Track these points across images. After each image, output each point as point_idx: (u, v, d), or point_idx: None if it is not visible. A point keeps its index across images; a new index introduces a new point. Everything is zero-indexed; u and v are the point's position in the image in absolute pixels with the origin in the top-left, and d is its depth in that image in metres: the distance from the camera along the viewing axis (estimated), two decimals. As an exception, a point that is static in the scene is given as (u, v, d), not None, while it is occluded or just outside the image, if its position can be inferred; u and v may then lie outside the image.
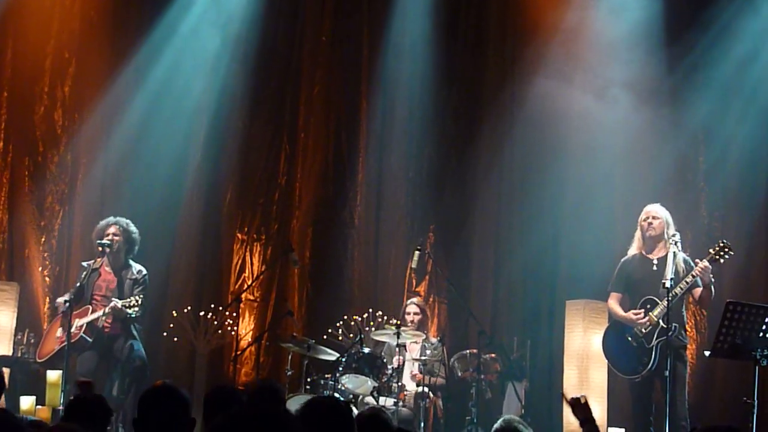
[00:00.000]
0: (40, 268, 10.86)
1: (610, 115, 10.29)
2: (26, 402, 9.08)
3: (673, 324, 8.07)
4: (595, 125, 10.35)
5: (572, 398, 5.12)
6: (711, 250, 8.19)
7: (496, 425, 5.32)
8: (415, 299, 10.13)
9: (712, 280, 8.22)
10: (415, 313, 9.86)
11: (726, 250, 8.12)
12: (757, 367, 6.91)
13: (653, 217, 8.52)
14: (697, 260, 8.22)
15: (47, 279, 10.83)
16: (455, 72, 11.43)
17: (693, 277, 8.11)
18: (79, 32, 11.20)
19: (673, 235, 8.27)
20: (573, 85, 10.53)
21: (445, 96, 11.36)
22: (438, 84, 11.28)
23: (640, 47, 10.24)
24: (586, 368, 9.31)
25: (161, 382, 4.42)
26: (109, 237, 9.39)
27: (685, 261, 8.34)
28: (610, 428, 9.16)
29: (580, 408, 5.06)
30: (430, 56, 11.24)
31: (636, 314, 8.30)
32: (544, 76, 10.60)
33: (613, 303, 8.63)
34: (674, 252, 8.09)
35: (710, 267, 8.13)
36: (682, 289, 8.11)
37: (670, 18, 10.26)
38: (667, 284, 7.82)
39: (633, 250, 8.66)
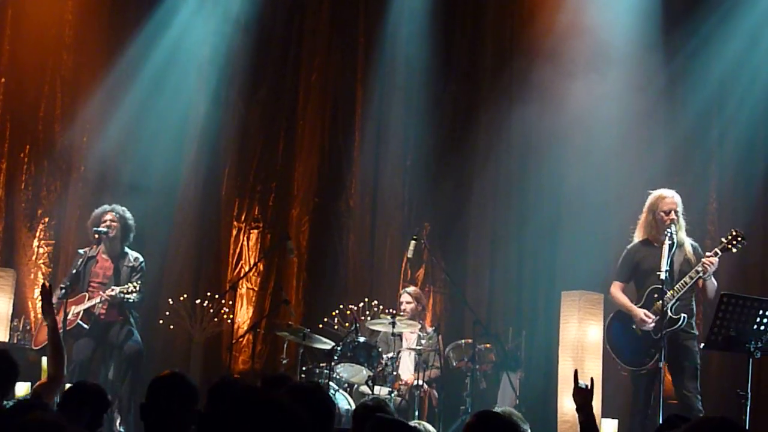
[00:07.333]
0: (33, 257, 10.86)
1: (608, 105, 10.25)
2: (21, 388, 9.09)
3: (682, 314, 7.90)
4: (593, 115, 10.32)
5: (577, 384, 5.00)
6: (723, 239, 7.89)
7: None
8: (409, 289, 10.12)
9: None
10: (407, 302, 9.85)
11: (739, 239, 7.81)
12: (751, 360, 6.90)
13: (675, 212, 8.05)
14: (708, 252, 7.94)
15: (43, 266, 10.84)
16: (453, 59, 11.39)
17: (704, 267, 7.80)
18: (79, 15, 11.18)
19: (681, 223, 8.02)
20: (571, 73, 10.49)
21: (443, 84, 11.32)
22: (435, 72, 11.24)
23: (639, 35, 10.22)
24: (581, 359, 9.29)
25: (170, 370, 4.39)
26: (106, 224, 9.41)
27: (694, 248, 8.10)
28: (603, 419, 9.16)
29: (580, 393, 4.96)
30: (427, 43, 11.20)
31: (648, 317, 7.94)
32: (543, 63, 10.57)
33: (618, 292, 8.28)
34: (675, 241, 7.88)
35: (716, 260, 7.81)
36: (692, 278, 7.86)
37: (669, 4, 10.23)
38: (662, 275, 7.65)
39: (638, 236, 8.27)
